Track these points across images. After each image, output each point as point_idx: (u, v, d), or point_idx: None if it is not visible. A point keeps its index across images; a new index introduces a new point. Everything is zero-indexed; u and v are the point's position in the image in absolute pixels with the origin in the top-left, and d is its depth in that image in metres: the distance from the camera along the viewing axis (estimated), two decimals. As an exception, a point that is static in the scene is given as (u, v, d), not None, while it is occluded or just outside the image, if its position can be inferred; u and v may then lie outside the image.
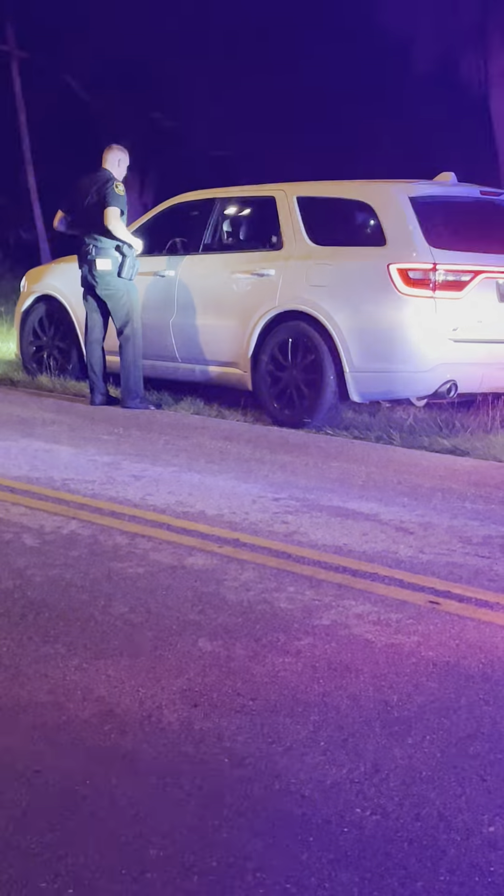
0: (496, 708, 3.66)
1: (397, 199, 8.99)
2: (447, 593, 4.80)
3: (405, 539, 5.65)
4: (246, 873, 2.70)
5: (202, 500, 6.32)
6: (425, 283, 8.70)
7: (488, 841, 2.87)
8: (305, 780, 3.15)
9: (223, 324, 9.83)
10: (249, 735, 3.41)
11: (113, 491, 6.50)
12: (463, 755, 3.32)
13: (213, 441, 8.35)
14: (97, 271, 9.80)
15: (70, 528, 5.67)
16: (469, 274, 8.85)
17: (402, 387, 9.02)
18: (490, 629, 4.39)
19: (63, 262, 11.54)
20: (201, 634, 4.24)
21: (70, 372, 11.15)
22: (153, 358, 10.32)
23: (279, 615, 4.48)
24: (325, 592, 4.78)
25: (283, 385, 9.36)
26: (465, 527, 5.95)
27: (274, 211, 9.77)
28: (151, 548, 5.36)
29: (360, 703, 3.67)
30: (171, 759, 3.26)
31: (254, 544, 5.45)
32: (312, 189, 9.89)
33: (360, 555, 5.34)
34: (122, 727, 3.45)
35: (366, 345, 8.88)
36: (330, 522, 5.93)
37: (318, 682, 3.82)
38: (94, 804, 3.00)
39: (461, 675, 3.93)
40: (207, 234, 10.31)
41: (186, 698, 3.66)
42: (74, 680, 3.79)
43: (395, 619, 4.48)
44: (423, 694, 3.75)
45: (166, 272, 10.30)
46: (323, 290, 9.11)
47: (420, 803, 3.04)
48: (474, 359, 8.93)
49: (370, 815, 2.98)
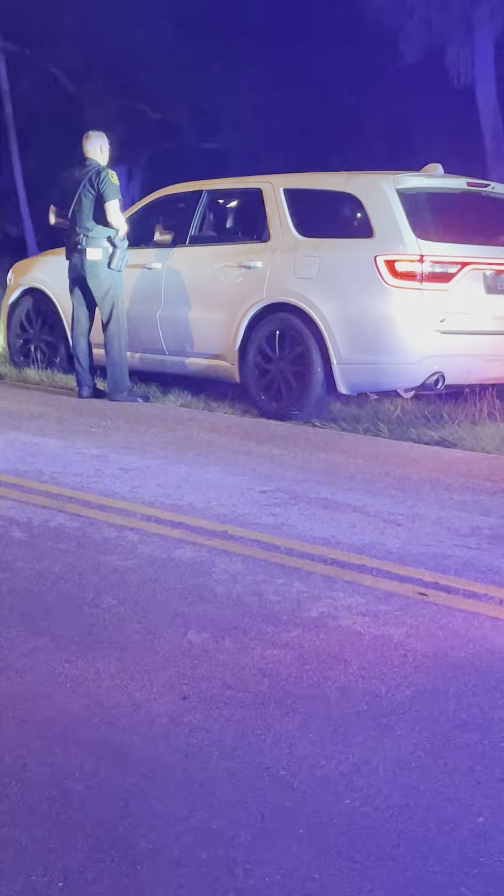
0: (484, 698, 3.66)
1: (384, 190, 8.99)
2: (435, 584, 4.81)
3: (393, 530, 5.66)
4: (235, 866, 2.70)
5: (190, 493, 6.32)
6: (412, 275, 8.70)
7: (477, 832, 2.87)
8: (294, 772, 3.15)
9: (210, 316, 9.83)
10: (238, 727, 3.41)
11: (101, 484, 6.49)
12: (451, 746, 3.33)
13: (200, 433, 8.35)
14: (87, 261, 9.78)
15: (58, 521, 5.66)
16: (456, 265, 8.86)
17: (390, 378, 9.03)
18: (478, 620, 4.40)
19: (50, 254, 11.52)
20: (190, 627, 4.24)
21: (57, 365, 11.14)
22: (140, 350, 10.32)
23: (268, 607, 4.49)
24: (313, 584, 4.78)
25: (271, 377, 9.36)
26: (453, 518, 5.96)
27: (261, 203, 9.76)
28: (140, 540, 5.36)
29: (349, 694, 3.67)
30: (161, 751, 3.26)
31: (242, 536, 5.45)
32: (299, 181, 9.89)
33: (349, 546, 5.34)
34: (111, 720, 3.45)
35: (353, 337, 8.88)
36: (318, 514, 5.94)
37: (307, 674, 3.83)
38: (84, 797, 3.00)
39: (449, 665, 3.94)
40: (194, 226, 10.30)
41: (175, 691, 3.66)
42: (63, 673, 3.79)
43: (384, 610, 4.49)
44: (411, 685, 3.76)
45: (153, 264, 10.29)
46: (310, 282, 9.11)
47: (409, 794, 3.04)
48: (462, 350, 8.94)
49: (359, 806, 2.98)
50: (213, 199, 10.48)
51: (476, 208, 9.64)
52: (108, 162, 10.05)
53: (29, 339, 11.47)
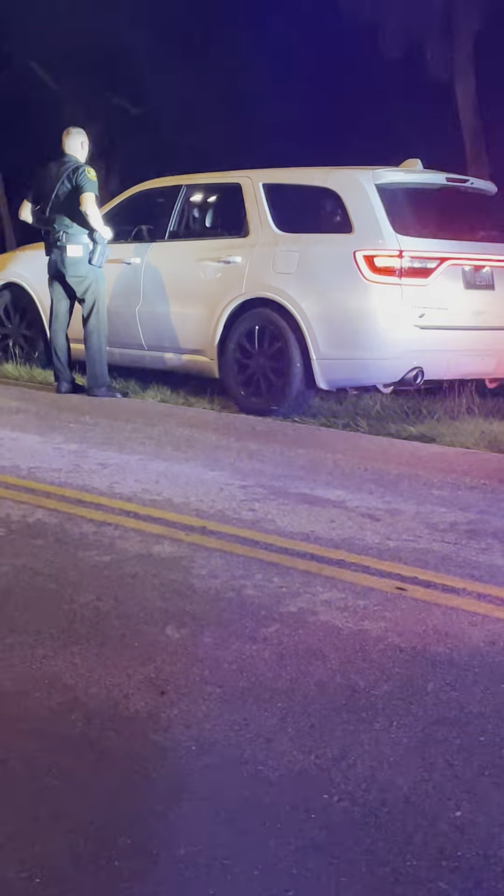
0: (462, 693, 3.67)
1: (363, 185, 8.99)
2: (414, 579, 4.81)
3: (372, 526, 5.66)
4: (213, 861, 2.69)
5: (169, 488, 6.31)
6: (391, 270, 8.71)
7: (455, 826, 2.88)
8: (273, 767, 3.15)
9: (190, 311, 9.81)
10: (217, 722, 3.41)
11: (79, 479, 6.47)
12: (430, 741, 3.33)
13: (180, 429, 8.34)
14: (67, 257, 9.75)
15: (36, 517, 5.65)
16: (435, 261, 8.87)
17: (369, 374, 9.04)
18: (456, 615, 4.41)
19: (29, 249, 11.49)
20: (169, 622, 4.23)
21: (36, 360, 11.11)
22: (120, 346, 10.30)
23: (246, 602, 4.48)
24: (292, 579, 4.78)
25: (250, 372, 9.35)
26: (432, 513, 5.97)
27: (240, 198, 9.75)
28: (118, 536, 5.35)
29: (328, 689, 3.67)
30: (139, 746, 3.25)
31: (221, 532, 5.45)
32: (278, 176, 9.87)
33: (328, 542, 5.34)
34: (89, 716, 3.44)
35: (332, 332, 8.88)
36: (297, 509, 5.94)
37: (286, 669, 3.82)
38: (61, 793, 2.99)
39: (428, 660, 3.94)
40: (174, 221, 10.28)
41: (154, 686, 3.65)
42: (41, 669, 3.77)
43: (362, 605, 4.49)
44: (390, 680, 3.76)
45: (132, 259, 10.27)
46: (289, 277, 9.11)
47: (387, 789, 3.05)
48: (441, 346, 8.96)
49: (337, 801, 2.98)
50: (193, 194, 10.47)
51: (455, 203, 9.66)
52: (88, 158, 10.02)
53: (7, 334, 11.44)
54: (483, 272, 9.23)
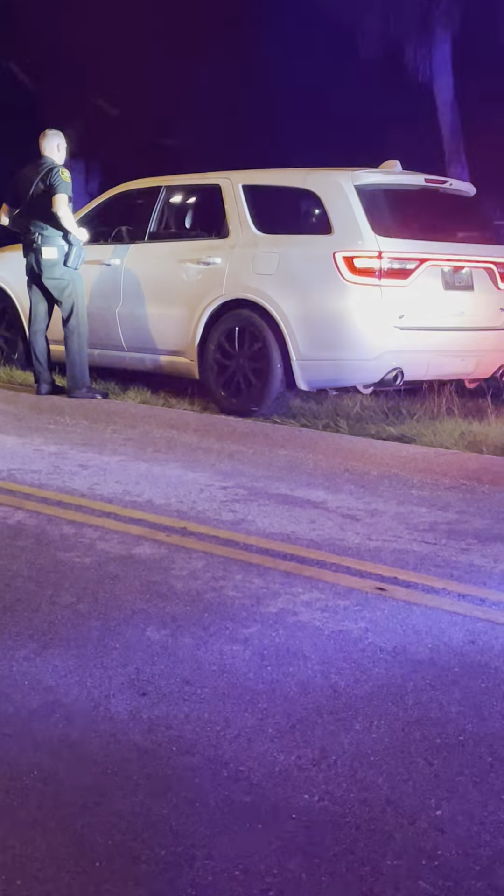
0: (442, 693, 3.68)
1: (343, 187, 9.01)
2: (394, 580, 4.83)
3: (352, 526, 5.67)
4: (194, 861, 2.70)
5: (150, 490, 6.31)
6: (371, 271, 8.72)
7: (435, 825, 2.89)
8: (253, 768, 3.15)
9: (170, 312, 9.81)
10: (197, 723, 3.41)
11: (60, 481, 6.47)
12: (410, 740, 3.34)
13: (160, 430, 8.34)
14: (43, 260, 9.73)
15: (16, 519, 5.64)
16: (414, 262, 8.89)
17: (349, 375, 9.05)
18: (436, 615, 4.42)
19: (7, 251, 11.45)
20: (149, 623, 4.23)
21: (16, 361, 11.08)
22: (100, 347, 10.28)
23: (227, 603, 4.49)
24: (272, 580, 4.79)
25: (231, 373, 9.35)
26: (412, 514, 5.99)
27: (220, 199, 9.75)
28: (99, 537, 5.35)
29: (308, 689, 3.68)
30: (119, 748, 3.25)
31: (201, 533, 5.45)
32: (258, 177, 9.88)
33: (308, 542, 5.35)
34: (69, 717, 3.43)
35: (312, 333, 8.89)
36: (277, 510, 5.94)
37: (266, 670, 3.83)
38: (42, 794, 2.99)
39: (408, 660, 3.95)
40: (153, 222, 10.28)
41: (134, 687, 3.66)
42: (21, 670, 3.77)
43: (343, 605, 4.50)
44: (370, 680, 3.77)
45: (112, 261, 10.26)
46: (269, 278, 9.12)
47: (367, 788, 3.06)
48: (420, 346, 8.98)
49: (318, 801, 2.99)
50: (172, 196, 10.46)
51: (434, 204, 9.68)
52: (65, 160, 9.99)
53: (-13, 335, 11.41)
54: (462, 273, 9.25)
